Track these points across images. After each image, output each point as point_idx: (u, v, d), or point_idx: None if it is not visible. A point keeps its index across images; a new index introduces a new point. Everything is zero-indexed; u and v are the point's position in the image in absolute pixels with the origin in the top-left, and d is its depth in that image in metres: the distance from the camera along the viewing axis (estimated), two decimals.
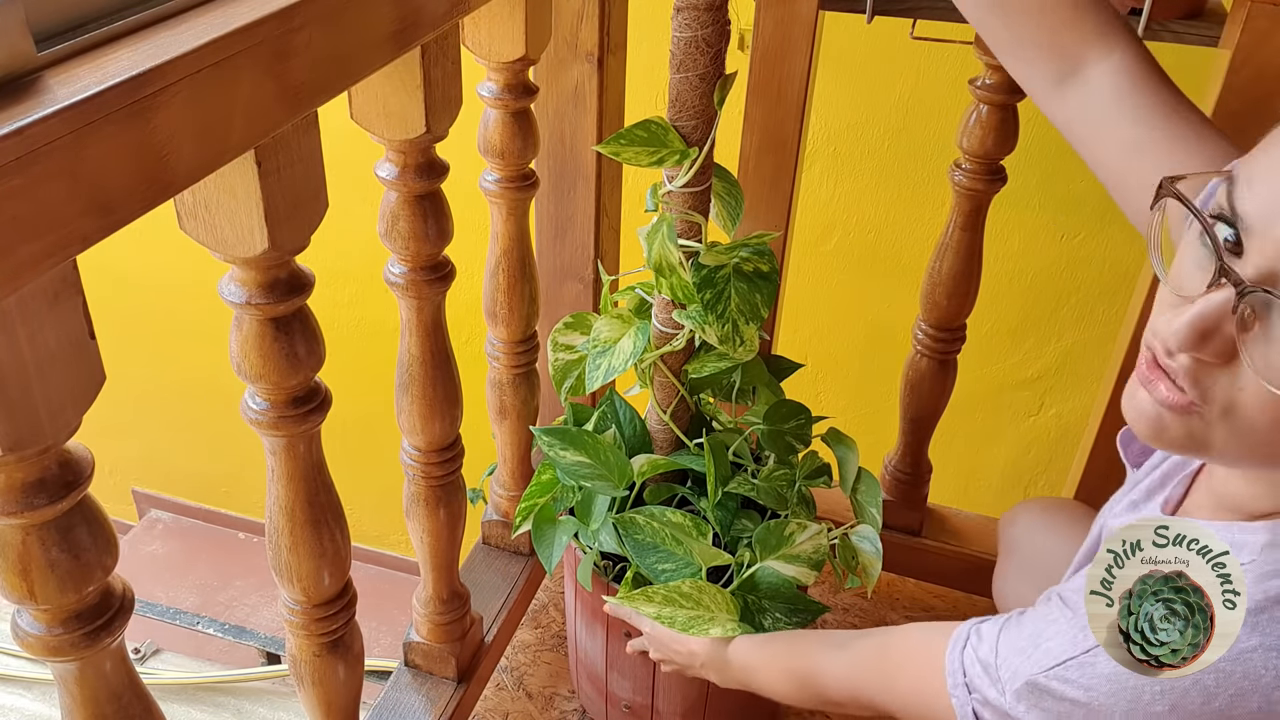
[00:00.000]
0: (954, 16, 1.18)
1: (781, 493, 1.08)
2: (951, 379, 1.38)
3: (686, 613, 0.98)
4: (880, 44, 1.72)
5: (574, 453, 1.05)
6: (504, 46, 1.00)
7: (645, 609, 0.97)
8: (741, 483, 1.06)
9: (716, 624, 0.98)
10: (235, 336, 0.75)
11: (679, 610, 0.97)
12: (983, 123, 1.19)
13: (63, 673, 0.66)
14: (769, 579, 1.02)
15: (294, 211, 0.70)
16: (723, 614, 0.98)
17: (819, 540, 1.03)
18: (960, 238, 1.28)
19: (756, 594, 1.01)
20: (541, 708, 1.30)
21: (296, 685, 0.96)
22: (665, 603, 0.97)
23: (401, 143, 0.87)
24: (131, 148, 0.53)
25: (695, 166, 0.93)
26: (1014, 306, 1.91)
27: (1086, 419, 1.43)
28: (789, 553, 1.02)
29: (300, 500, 0.83)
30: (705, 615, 0.98)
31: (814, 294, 2.00)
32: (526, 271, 1.18)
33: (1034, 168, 1.74)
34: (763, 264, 0.98)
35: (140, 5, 0.59)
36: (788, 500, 1.08)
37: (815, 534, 1.03)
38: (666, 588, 0.97)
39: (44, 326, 0.53)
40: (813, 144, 1.85)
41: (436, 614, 1.18)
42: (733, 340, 0.97)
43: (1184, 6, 1.12)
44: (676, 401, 1.08)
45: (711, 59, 0.89)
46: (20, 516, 0.58)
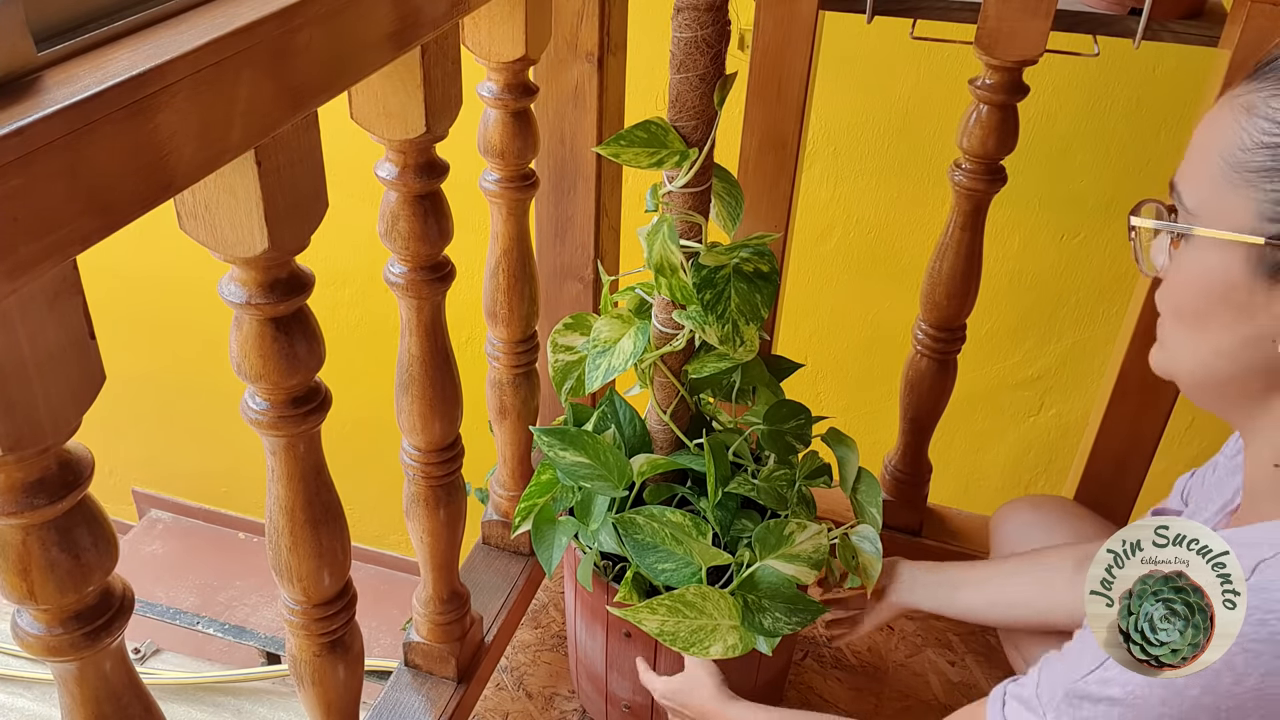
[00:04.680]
0: (954, 16, 1.18)
1: (781, 493, 1.08)
2: (951, 379, 1.38)
3: (690, 624, 0.97)
4: (880, 44, 1.72)
5: (574, 453, 1.05)
6: (504, 46, 1.00)
7: (648, 623, 0.97)
8: (741, 483, 1.06)
9: (719, 636, 0.97)
10: (235, 336, 0.75)
11: (682, 622, 0.97)
12: (983, 123, 1.19)
13: (63, 673, 0.66)
14: (769, 578, 1.02)
15: (294, 211, 0.70)
16: (725, 621, 0.98)
17: (819, 540, 1.03)
18: (960, 238, 1.28)
19: (757, 593, 1.01)
20: (541, 708, 1.30)
21: (296, 685, 0.96)
22: (669, 614, 0.97)
23: (401, 143, 0.87)
24: (131, 148, 0.53)
25: (695, 167, 0.93)
26: (1014, 306, 1.91)
27: (1086, 419, 1.43)
28: (789, 552, 1.02)
29: (300, 500, 0.83)
30: (708, 626, 0.97)
31: (814, 294, 2.00)
32: (526, 271, 1.18)
33: (1034, 168, 1.74)
34: (763, 264, 0.98)
35: (140, 5, 0.59)
36: (788, 500, 1.08)
37: (815, 534, 1.03)
38: (670, 597, 0.96)
39: (44, 326, 0.53)
40: (813, 144, 1.85)
41: (436, 614, 1.18)
42: (733, 340, 0.97)
43: (1184, 6, 1.12)
44: (676, 402, 1.08)
45: (712, 59, 0.89)
46: (20, 516, 0.58)
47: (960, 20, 1.17)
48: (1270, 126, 0.58)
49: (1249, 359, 0.61)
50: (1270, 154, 0.57)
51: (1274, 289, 0.59)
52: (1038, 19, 1.10)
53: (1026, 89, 1.17)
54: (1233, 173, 0.59)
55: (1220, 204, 0.60)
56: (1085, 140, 1.72)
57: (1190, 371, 0.67)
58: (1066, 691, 0.67)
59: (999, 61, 1.14)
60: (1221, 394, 0.66)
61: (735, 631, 0.98)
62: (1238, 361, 0.62)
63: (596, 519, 1.06)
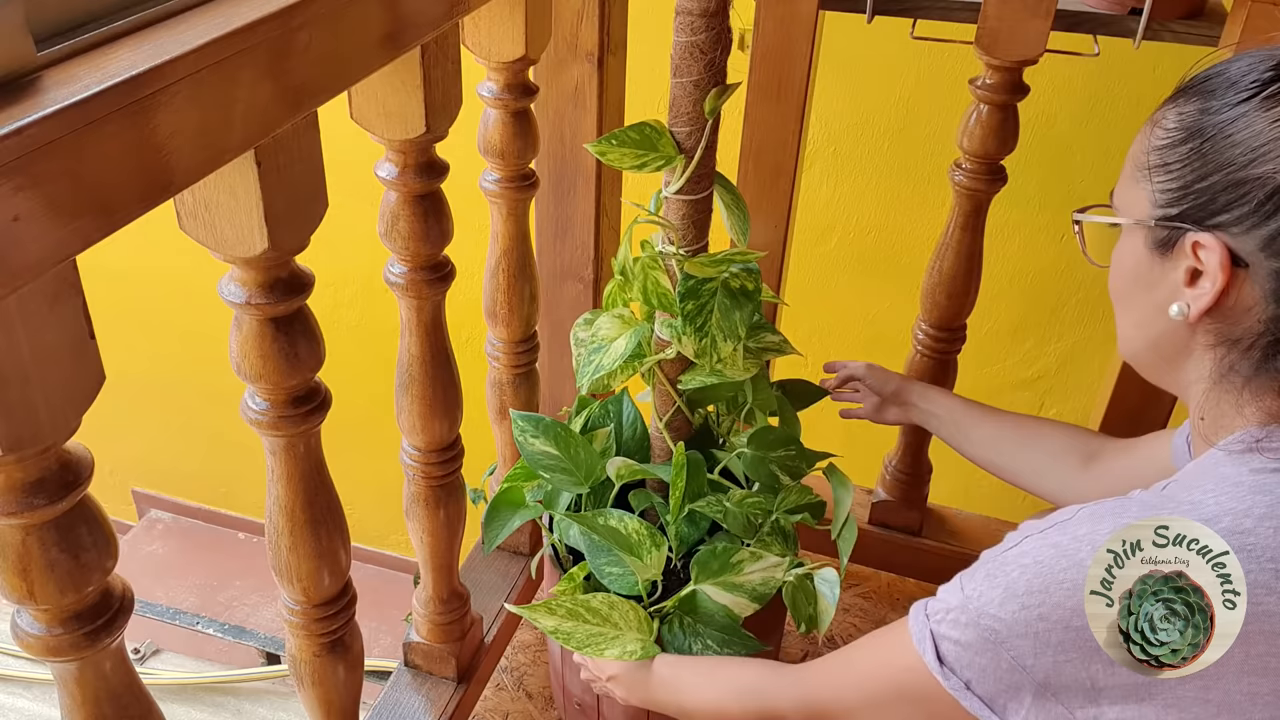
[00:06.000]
0: (954, 16, 1.18)
1: (753, 520, 1.03)
2: (951, 379, 1.38)
3: (587, 629, 0.94)
4: (880, 44, 1.72)
5: (543, 442, 1.04)
6: (504, 46, 1.00)
7: (544, 621, 0.94)
8: (711, 503, 1.01)
9: (618, 644, 0.94)
10: (235, 336, 0.75)
11: (579, 625, 0.94)
12: (983, 123, 1.19)
13: (63, 673, 0.66)
14: (706, 604, 0.98)
15: (294, 211, 0.70)
16: (631, 633, 0.95)
17: (771, 574, 0.98)
18: (960, 238, 1.28)
19: (694, 616, 0.98)
20: (541, 708, 1.30)
21: (296, 685, 0.96)
22: (569, 616, 0.94)
23: (401, 143, 0.87)
24: (131, 148, 0.53)
25: (686, 174, 0.92)
26: (1014, 306, 1.91)
27: (1086, 419, 1.43)
28: (730, 580, 0.98)
29: (300, 500, 0.83)
30: (609, 634, 0.94)
31: (814, 294, 2.00)
32: (526, 271, 1.18)
33: (1034, 168, 1.74)
34: (749, 282, 0.95)
35: (140, 5, 0.59)
36: (758, 529, 1.04)
37: (770, 566, 0.98)
38: (574, 601, 0.95)
39: (44, 326, 0.53)
40: (813, 144, 1.85)
41: (436, 614, 1.18)
42: (710, 355, 0.94)
43: (1184, 6, 1.12)
44: (673, 412, 1.06)
45: (706, 65, 0.88)
46: (20, 516, 0.58)
47: (960, 20, 1.17)
48: (1162, 133, 0.71)
49: (1159, 327, 0.73)
50: (1159, 154, 0.71)
51: (1165, 262, 0.71)
52: (1038, 19, 1.10)
53: (1026, 89, 1.17)
54: (1136, 171, 0.73)
55: (1128, 198, 0.74)
56: (1085, 140, 1.72)
57: (1127, 344, 0.78)
58: (984, 562, 0.71)
59: (999, 61, 1.14)
60: (1155, 365, 0.76)
61: (638, 640, 0.95)
62: (1150, 329, 0.74)
63: (559, 511, 1.07)
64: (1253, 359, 0.68)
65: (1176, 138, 0.70)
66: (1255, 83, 0.66)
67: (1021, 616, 0.65)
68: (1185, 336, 0.71)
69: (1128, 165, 0.75)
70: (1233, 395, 0.70)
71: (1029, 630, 0.65)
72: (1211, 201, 0.67)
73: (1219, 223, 0.66)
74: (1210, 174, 0.67)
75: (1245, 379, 0.69)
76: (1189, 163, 0.68)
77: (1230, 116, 0.67)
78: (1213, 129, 0.67)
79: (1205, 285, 0.67)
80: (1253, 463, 0.66)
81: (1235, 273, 0.66)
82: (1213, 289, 0.67)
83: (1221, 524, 0.63)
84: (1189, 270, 0.69)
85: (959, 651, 0.69)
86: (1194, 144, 0.68)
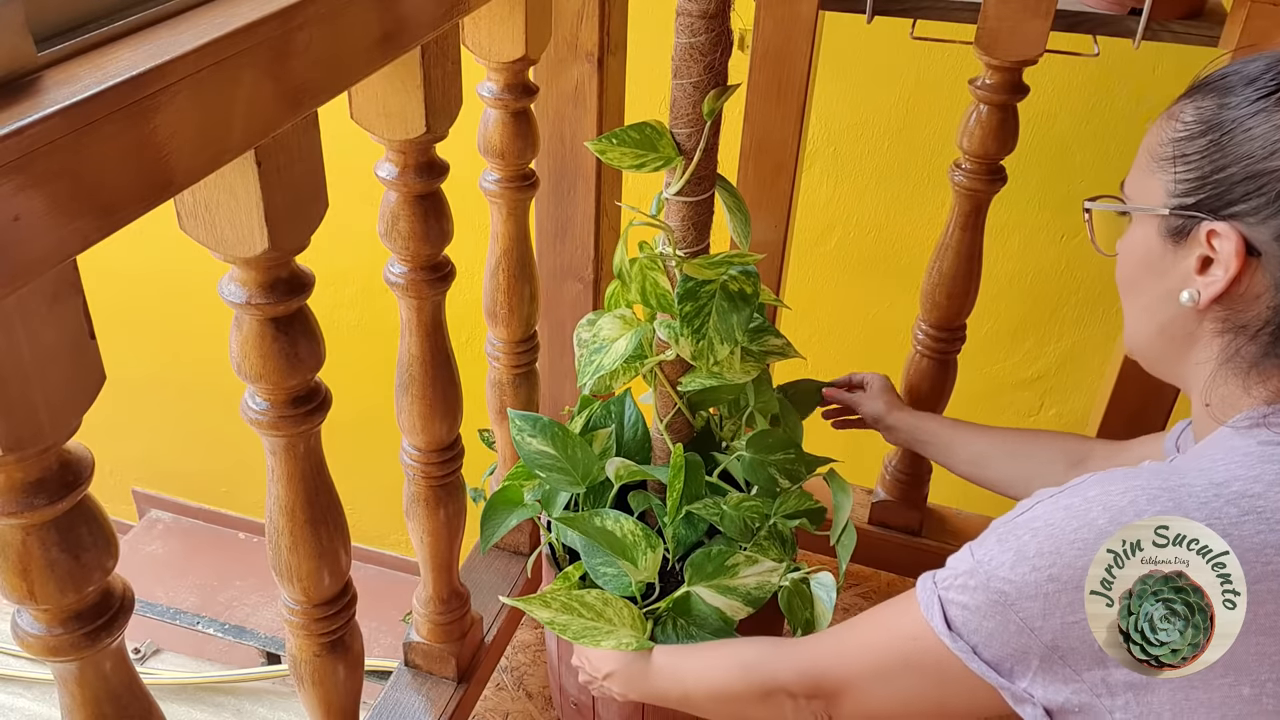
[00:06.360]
0: (954, 16, 1.18)
1: (750, 524, 1.02)
2: (951, 379, 1.38)
3: (583, 622, 0.94)
4: (880, 44, 1.72)
5: (540, 441, 1.03)
6: (504, 47, 1.00)
7: (539, 613, 0.94)
8: (708, 506, 1.01)
9: (614, 637, 0.93)
10: (235, 336, 0.75)
11: (575, 619, 0.94)
12: (983, 123, 1.19)
13: (63, 673, 0.66)
14: (700, 606, 0.97)
15: (294, 211, 0.70)
16: (625, 629, 0.94)
17: (767, 578, 0.98)
18: (960, 238, 1.28)
19: (687, 618, 0.97)
20: (541, 708, 1.30)
21: (296, 685, 0.96)
22: (563, 610, 0.94)
23: (401, 143, 0.87)
24: (131, 148, 0.53)
25: (686, 175, 0.91)
26: (1014, 306, 1.91)
27: (1086, 419, 1.43)
28: (724, 583, 0.97)
29: (300, 500, 0.83)
30: (604, 628, 0.94)
31: (814, 294, 2.00)
32: (526, 271, 1.18)
33: (1034, 168, 1.74)
34: (747, 285, 0.95)
35: (140, 5, 0.59)
36: (755, 533, 1.03)
37: (766, 570, 0.98)
38: (569, 595, 0.94)
39: (44, 326, 0.53)
40: (813, 144, 1.85)
41: (436, 614, 1.18)
42: (706, 358, 0.94)
43: (1184, 6, 1.12)
44: (673, 413, 1.06)
45: (705, 67, 0.87)
46: (20, 516, 0.58)
47: (960, 20, 1.18)
48: (1180, 126, 0.73)
49: (1168, 313, 0.75)
50: (1177, 146, 0.73)
51: (1177, 250, 0.73)
52: (1038, 19, 1.10)
53: (1026, 89, 1.17)
54: (1152, 163, 0.75)
55: (1142, 188, 0.76)
56: (1085, 140, 1.72)
57: (1134, 331, 0.80)
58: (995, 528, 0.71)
59: (999, 61, 1.14)
60: (1161, 352, 0.78)
61: (632, 635, 0.95)
62: (1159, 315, 0.76)
63: (557, 510, 1.06)
64: (1260, 343, 0.70)
65: (1195, 130, 0.72)
66: (1274, 80, 0.69)
67: (1032, 578, 0.66)
68: (1193, 322, 0.74)
69: (1142, 157, 0.77)
70: (1239, 378, 0.72)
71: (1039, 591, 0.65)
72: (1228, 192, 0.69)
73: (1235, 212, 0.69)
74: (1228, 166, 0.69)
75: (1251, 363, 0.71)
76: (1208, 154, 0.71)
77: (1249, 112, 0.69)
78: (1231, 123, 0.70)
79: (1217, 272, 0.70)
80: (1260, 436, 0.68)
81: (1247, 261, 0.68)
82: (1225, 276, 0.69)
83: (1233, 488, 0.64)
84: (1201, 258, 0.71)
85: (967, 616, 0.69)
86: (1213, 137, 0.71)
